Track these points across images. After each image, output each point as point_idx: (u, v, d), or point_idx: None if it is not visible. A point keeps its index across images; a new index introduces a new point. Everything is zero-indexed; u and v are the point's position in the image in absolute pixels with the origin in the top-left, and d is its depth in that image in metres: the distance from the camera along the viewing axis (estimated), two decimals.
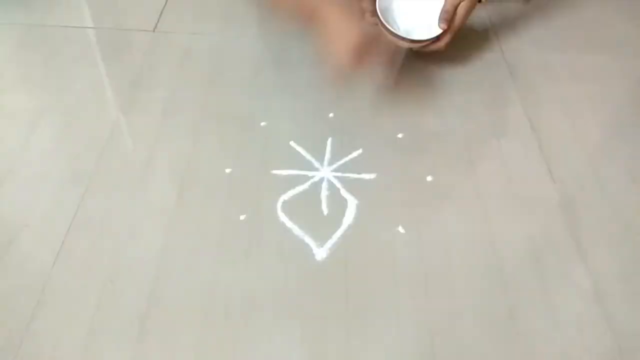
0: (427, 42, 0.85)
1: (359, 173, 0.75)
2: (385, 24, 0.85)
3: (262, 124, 0.81)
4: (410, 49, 0.93)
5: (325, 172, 0.75)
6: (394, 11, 0.89)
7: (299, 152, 0.78)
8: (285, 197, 0.72)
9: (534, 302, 0.62)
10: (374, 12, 0.98)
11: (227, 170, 0.75)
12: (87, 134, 0.79)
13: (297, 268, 0.65)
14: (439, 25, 0.83)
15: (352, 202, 0.71)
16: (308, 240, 0.67)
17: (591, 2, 1.09)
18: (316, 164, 0.76)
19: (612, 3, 1.10)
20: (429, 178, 0.75)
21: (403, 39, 0.85)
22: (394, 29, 0.85)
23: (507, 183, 0.75)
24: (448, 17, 0.82)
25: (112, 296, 0.61)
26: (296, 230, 0.68)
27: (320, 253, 0.66)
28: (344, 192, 0.73)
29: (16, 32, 0.98)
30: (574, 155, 0.79)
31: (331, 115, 0.83)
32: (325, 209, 0.71)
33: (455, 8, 0.83)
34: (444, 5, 0.83)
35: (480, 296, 0.63)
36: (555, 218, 0.71)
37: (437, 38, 0.84)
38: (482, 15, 1.05)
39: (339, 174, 0.75)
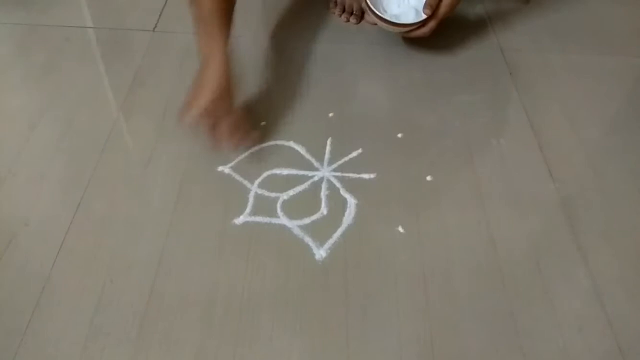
0: (413, 28, 0.86)
1: (359, 173, 0.75)
2: (373, 8, 0.86)
3: (262, 124, 0.81)
4: (400, 35, 0.94)
5: (325, 172, 0.75)
6: None
7: (299, 152, 0.78)
8: (285, 197, 0.72)
9: (534, 302, 0.62)
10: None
11: (227, 171, 0.75)
12: (87, 134, 0.79)
13: (297, 268, 0.65)
14: (423, 11, 0.85)
15: (352, 202, 0.71)
16: (308, 240, 0.67)
17: (591, 2, 1.09)
18: (316, 164, 0.76)
19: (612, 3, 1.10)
20: (429, 178, 0.75)
21: (389, 23, 0.87)
22: (381, 13, 0.87)
23: (507, 183, 0.75)
24: (433, 4, 0.83)
25: (112, 296, 0.61)
26: (296, 230, 0.68)
27: (320, 253, 0.66)
28: (344, 192, 0.73)
29: (16, 32, 0.98)
30: (574, 155, 0.79)
31: (331, 115, 0.83)
32: (325, 209, 0.71)
33: None
34: None
35: (480, 296, 0.63)
36: (555, 218, 0.71)
37: (423, 24, 0.85)
38: (482, 15, 1.05)
39: (339, 174, 0.75)
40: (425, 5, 0.84)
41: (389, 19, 0.86)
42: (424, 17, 0.85)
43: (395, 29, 0.88)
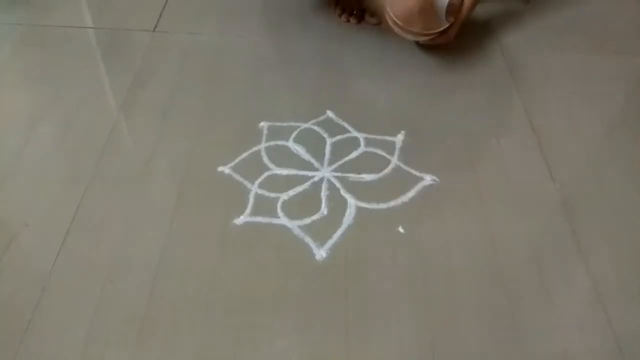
0: (435, 35, 0.86)
1: (359, 173, 0.75)
2: (395, 18, 0.85)
3: (262, 124, 0.81)
4: (417, 43, 0.94)
5: (325, 172, 0.75)
6: None
7: (299, 152, 0.78)
8: (285, 197, 0.72)
9: (534, 302, 0.62)
10: (374, 12, 0.99)
11: (227, 171, 0.75)
12: (87, 134, 0.79)
13: (297, 268, 0.65)
14: (446, 19, 0.84)
15: (352, 202, 0.71)
16: (308, 240, 0.67)
17: (591, 2, 1.09)
18: (316, 164, 0.76)
19: (612, 3, 1.10)
20: (429, 178, 0.75)
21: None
22: None
23: (507, 183, 0.75)
24: (456, 10, 0.83)
25: (112, 296, 0.61)
26: (296, 230, 0.68)
27: (320, 253, 0.66)
28: (344, 192, 0.73)
29: (16, 32, 0.98)
30: (574, 155, 0.79)
31: (331, 115, 0.83)
32: (325, 209, 0.71)
33: (462, 0, 0.83)
34: None
35: (480, 296, 0.63)
36: (555, 218, 0.71)
37: (445, 30, 0.85)
38: (482, 15, 1.05)
39: (339, 174, 0.75)
40: (448, 12, 0.84)
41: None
42: (447, 24, 0.84)
43: (418, 38, 0.88)
